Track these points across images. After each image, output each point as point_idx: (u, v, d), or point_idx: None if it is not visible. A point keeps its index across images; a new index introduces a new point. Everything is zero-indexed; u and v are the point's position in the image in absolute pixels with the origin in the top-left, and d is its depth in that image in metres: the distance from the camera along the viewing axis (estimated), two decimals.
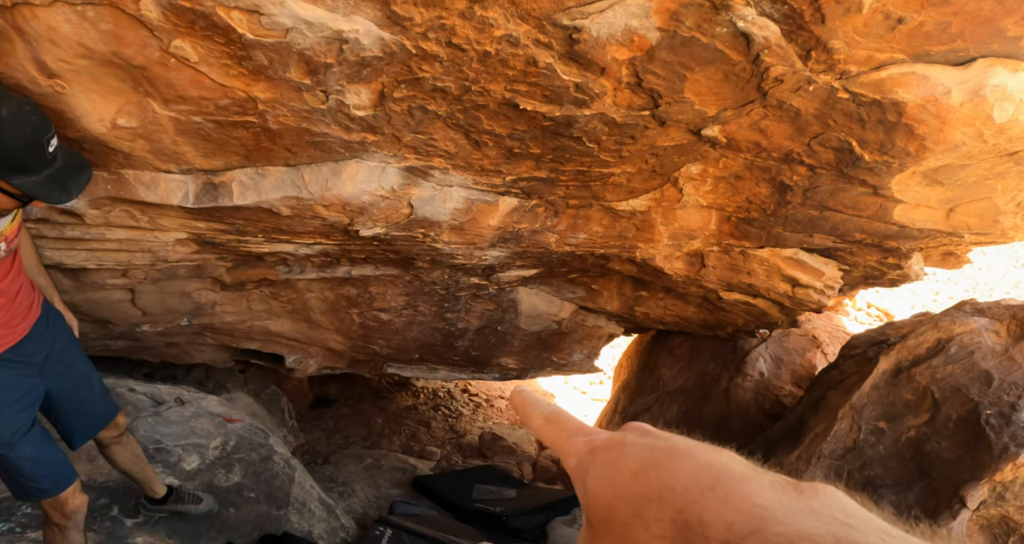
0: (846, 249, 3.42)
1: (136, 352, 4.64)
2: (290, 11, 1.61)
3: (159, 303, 3.76)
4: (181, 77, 1.89)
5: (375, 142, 2.25)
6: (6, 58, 1.84)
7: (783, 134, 2.44)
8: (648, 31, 1.83)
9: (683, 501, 0.44)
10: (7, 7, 1.69)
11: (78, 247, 2.90)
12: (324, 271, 3.61)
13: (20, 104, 1.80)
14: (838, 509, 0.41)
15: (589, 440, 0.56)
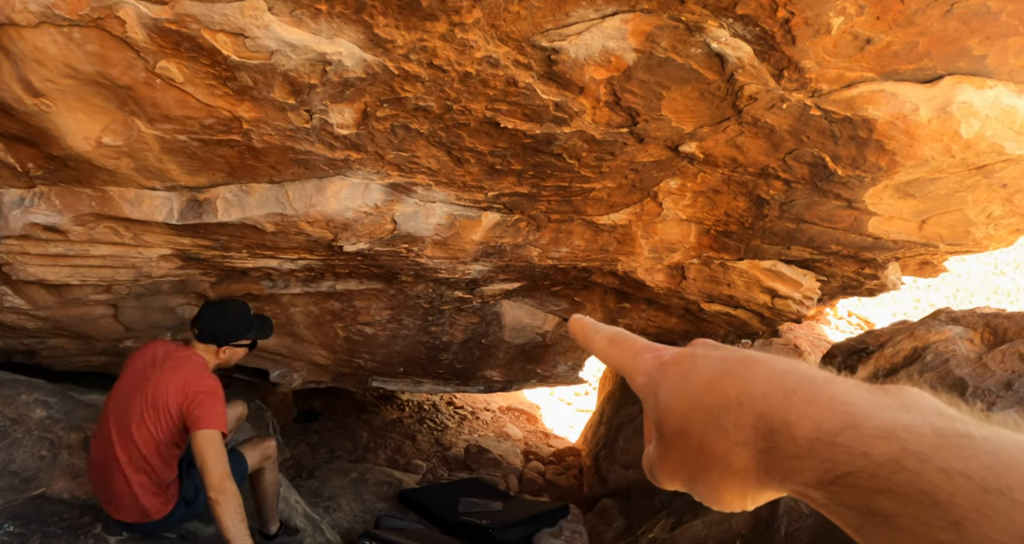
0: (823, 260, 3.49)
1: (118, 368, 4.59)
2: (274, 34, 1.65)
3: (142, 318, 3.77)
4: (166, 97, 1.92)
5: (358, 159, 2.29)
6: None
7: (759, 150, 2.51)
8: (625, 52, 1.89)
9: (764, 406, 0.45)
10: None
11: (61, 263, 2.91)
12: (308, 286, 3.63)
13: None
14: (929, 404, 0.41)
15: (657, 355, 0.56)
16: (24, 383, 3.57)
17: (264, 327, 3.04)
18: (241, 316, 2.88)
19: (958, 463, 0.34)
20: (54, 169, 2.34)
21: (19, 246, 2.71)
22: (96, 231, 2.69)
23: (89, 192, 2.52)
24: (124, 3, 1.64)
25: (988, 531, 0.32)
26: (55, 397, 3.59)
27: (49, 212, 2.54)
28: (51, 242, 2.72)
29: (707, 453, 0.49)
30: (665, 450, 0.53)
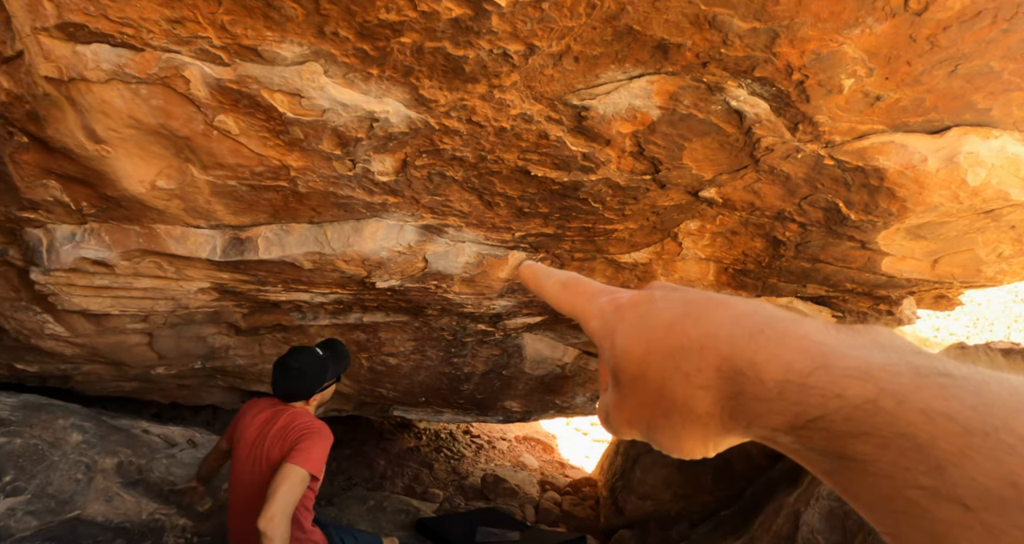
0: (839, 297, 3.60)
1: (147, 393, 4.78)
2: (328, 95, 1.81)
3: (175, 347, 3.92)
4: (221, 147, 2.08)
5: (395, 203, 2.44)
6: (56, 124, 2.04)
7: (775, 195, 2.64)
8: (650, 109, 2.04)
9: (729, 347, 0.42)
10: (63, 81, 1.88)
11: (105, 294, 3.06)
12: (336, 318, 3.77)
13: None
14: (903, 343, 0.39)
15: (613, 298, 0.54)
16: (60, 408, 3.71)
17: (340, 359, 2.93)
18: (312, 366, 2.73)
19: (939, 403, 0.32)
20: (106, 208, 2.49)
21: (66, 278, 2.87)
22: (141, 265, 2.84)
23: (137, 229, 2.68)
24: (190, 64, 1.80)
25: (973, 474, 0.31)
26: (90, 422, 3.73)
27: (99, 247, 2.69)
28: (97, 275, 2.88)
29: (667, 399, 0.47)
30: (622, 397, 0.51)
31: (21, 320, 3.44)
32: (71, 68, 1.84)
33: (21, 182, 2.38)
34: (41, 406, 3.66)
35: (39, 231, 2.71)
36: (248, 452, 2.63)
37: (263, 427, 2.65)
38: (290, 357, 2.71)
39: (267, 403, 2.79)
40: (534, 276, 0.64)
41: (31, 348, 3.68)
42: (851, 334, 0.40)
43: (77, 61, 1.82)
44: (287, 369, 2.69)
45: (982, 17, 1.81)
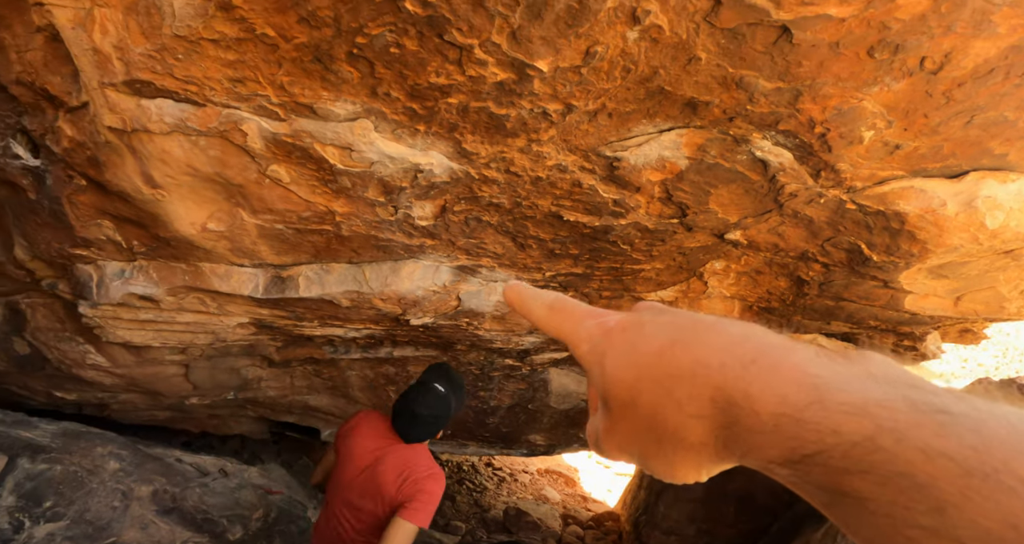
0: (863, 333, 3.67)
1: (179, 422, 4.91)
2: (377, 148, 1.95)
3: (209, 378, 4.05)
4: (272, 194, 2.23)
5: (432, 245, 2.57)
6: (115, 169, 2.18)
7: (798, 237, 2.74)
8: (678, 159, 2.16)
9: (722, 377, 0.42)
10: (126, 131, 2.03)
11: (148, 328, 3.20)
12: (367, 352, 3.89)
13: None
14: (897, 372, 0.39)
15: (602, 322, 0.54)
16: (98, 436, 3.83)
17: (460, 392, 2.88)
18: (441, 409, 2.70)
19: (938, 442, 0.32)
20: (156, 247, 2.64)
21: (113, 312, 3.02)
22: (185, 301, 2.99)
23: (183, 267, 2.83)
24: (248, 119, 1.95)
25: (974, 516, 0.30)
26: (127, 450, 3.85)
27: (146, 284, 2.84)
28: (143, 309, 3.02)
29: (659, 426, 0.46)
30: (612, 422, 0.51)
31: (64, 350, 3.59)
32: (135, 120, 1.99)
33: (76, 221, 2.53)
34: (80, 434, 3.79)
35: (90, 267, 2.86)
36: (357, 477, 2.68)
37: (379, 457, 2.69)
38: (416, 403, 2.65)
39: (383, 427, 2.79)
40: (519, 298, 0.63)
41: (72, 377, 3.82)
42: (844, 364, 0.40)
43: (141, 114, 1.98)
44: (415, 417, 2.65)
45: (995, 74, 1.92)
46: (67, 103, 2.00)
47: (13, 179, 2.37)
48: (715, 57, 1.71)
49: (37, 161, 2.32)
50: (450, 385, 2.79)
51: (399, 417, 2.67)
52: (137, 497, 3.63)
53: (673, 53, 1.69)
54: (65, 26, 1.79)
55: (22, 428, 3.67)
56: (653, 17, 1.53)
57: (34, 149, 2.31)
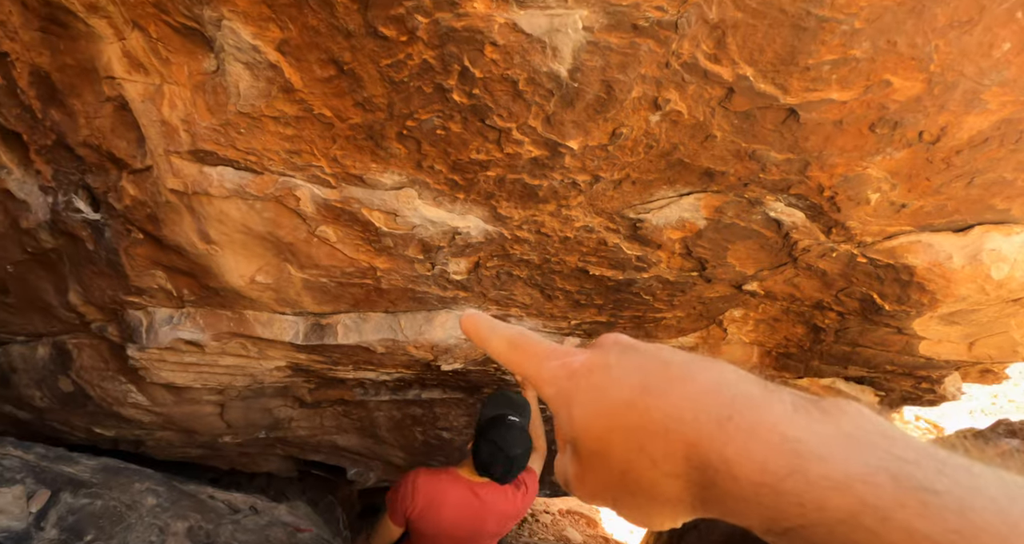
0: (880, 377, 3.80)
1: (210, 459, 5.08)
2: (420, 213, 2.16)
3: (243, 417, 4.22)
4: (319, 251, 2.43)
5: (465, 297, 2.77)
6: (172, 226, 2.39)
7: (813, 288, 2.91)
8: (697, 220, 2.35)
9: (696, 434, 0.41)
10: (187, 193, 2.24)
11: (191, 370, 3.39)
12: (396, 394, 4.07)
13: None
14: (875, 432, 0.38)
15: (565, 363, 0.52)
16: (136, 472, 3.99)
17: (527, 415, 3.03)
18: (527, 441, 2.82)
19: (922, 524, 0.33)
20: (205, 296, 2.85)
21: (159, 355, 3.21)
22: (228, 346, 3.18)
23: (229, 314, 3.03)
24: (302, 186, 2.17)
25: None
26: (163, 486, 4.01)
27: (193, 330, 3.04)
28: (187, 353, 3.21)
29: (632, 481, 0.46)
30: (583, 470, 0.50)
31: (107, 389, 3.78)
32: (196, 184, 2.21)
33: (131, 272, 2.74)
34: (119, 470, 3.95)
35: (140, 313, 3.07)
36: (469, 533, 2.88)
37: (482, 516, 2.88)
38: (509, 446, 2.73)
39: (461, 486, 2.91)
40: (476, 330, 0.62)
41: (112, 414, 4.00)
42: (821, 421, 0.40)
43: (203, 179, 2.19)
44: (512, 460, 2.75)
45: (989, 143, 2.10)
46: (131, 165, 2.20)
47: (73, 231, 2.56)
48: (729, 135, 1.91)
49: (97, 215, 2.52)
50: (519, 411, 2.96)
51: (494, 464, 2.76)
52: (173, 532, 3.78)
53: (691, 132, 1.89)
54: (135, 99, 2.01)
55: (64, 463, 3.84)
56: (673, 104, 1.74)
57: (94, 204, 2.51)
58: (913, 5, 1.55)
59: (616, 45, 1.56)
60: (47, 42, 1.91)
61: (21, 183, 2.51)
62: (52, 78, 1.99)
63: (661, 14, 1.49)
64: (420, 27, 1.52)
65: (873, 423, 0.40)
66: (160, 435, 4.41)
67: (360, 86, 1.74)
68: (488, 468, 2.77)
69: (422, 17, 1.49)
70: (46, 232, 2.68)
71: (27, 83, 2.02)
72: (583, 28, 1.52)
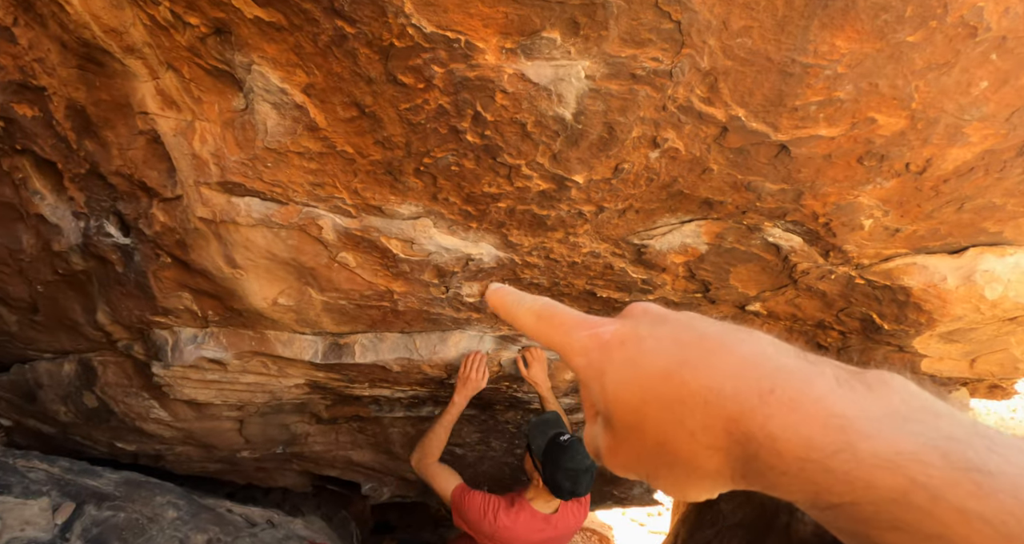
0: None
1: (228, 474, 5.22)
2: (435, 241, 2.32)
3: (261, 433, 4.36)
4: (339, 276, 2.60)
5: (478, 318, 2.93)
6: (199, 251, 2.54)
7: (814, 308, 3.04)
8: (699, 245, 2.50)
9: (737, 407, 0.41)
10: (215, 221, 2.41)
11: (212, 387, 3.53)
12: (410, 411, 4.22)
13: None
14: (922, 408, 0.39)
15: (596, 334, 0.52)
16: (157, 486, 4.12)
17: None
18: (588, 455, 2.86)
19: (974, 503, 0.33)
20: (228, 317, 3.01)
21: (183, 373, 3.36)
22: (249, 364, 3.34)
23: (251, 334, 3.19)
24: (324, 216, 2.34)
25: None
26: (183, 500, 4.15)
27: (217, 349, 3.20)
28: (210, 371, 3.37)
29: (670, 453, 0.46)
30: (617, 442, 0.50)
31: (130, 404, 3.93)
32: (224, 213, 2.37)
33: (159, 294, 2.90)
34: (141, 483, 4.08)
35: (166, 332, 3.23)
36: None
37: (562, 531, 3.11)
38: (580, 462, 2.90)
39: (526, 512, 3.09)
40: (503, 304, 0.62)
41: (134, 430, 4.14)
42: (868, 397, 0.40)
43: (231, 209, 2.36)
44: (589, 470, 2.95)
45: (975, 172, 2.23)
46: (162, 194, 2.35)
47: (103, 254, 2.71)
48: (725, 168, 2.06)
49: (127, 240, 2.66)
50: (560, 425, 3.13)
51: (578, 484, 2.95)
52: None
53: (689, 166, 2.04)
54: (167, 133, 2.16)
55: (88, 477, 3.98)
56: (671, 142, 1.89)
57: (125, 229, 2.65)
58: (891, 52, 1.70)
59: (616, 91, 1.72)
60: (83, 79, 2.06)
61: (54, 208, 2.65)
62: (87, 112, 2.12)
63: (657, 64, 1.65)
64: (436, 76, 1.69)
65: (920, 399, 0.40)
66: (180, 450, 4.56)
67: (380, 126, 1.91)
68: (574, 491, 2.93)
69: (438, 67, 1.66)
70: (77, 255, 2.83)
71: (63, 116, 2.17)
72: (585, 77, 1.68)
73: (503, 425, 4.44)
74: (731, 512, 6.51)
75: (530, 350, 3.25)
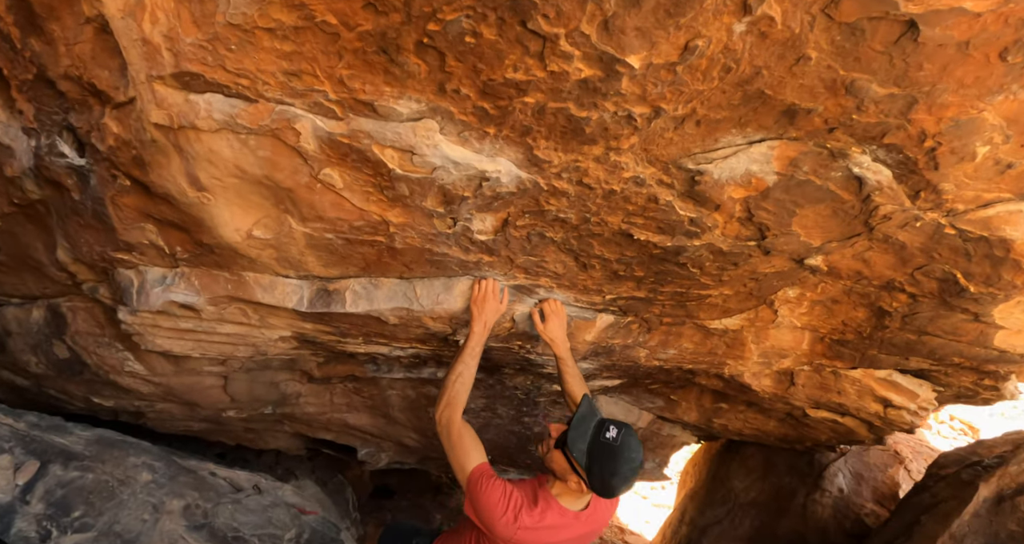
0: (942, 371, 3.38)
1: (215, 434, 4.78)
2: (441, 152, 1.78)
3: (248, 391, 3.91)
4: (323, 200, 2.06)
5: (489, 262, 2.39)
6: (160, 170, 2.04)
7: (886, 264, 2.50)
8: (766, 175, 1.95)
9: None
10: (173, 128, 1.88)
11: (188, 337, 3.06)
12: (411, 371, 3.72)
13: None
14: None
15: None
16: (133, 445, 3.70)
17: None
18: (638, 448, 2.27)
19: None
20: (199, 253, 2.50)
21: (152, 320, 2.88)
22: (226, 311, 2.84)
23: (226, 275, 2.68)
24: (302, 117, 1.79)
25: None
26: (160, 461, 3.71)
27: (188, 292, 2.70)
28: (183, 318, 2.88)
29: None
30: None
31: (103, 356, 3.48)
32: (182, 116, 1.85)
33: (119, 224, 2.41)
34: (114, 442, 3.66)
35: (131, 272, 2.74)
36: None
37: (594, 527, 2.47)
38: (635, 461, 2.22)
39: (570, 517, 2.38)
40: None
41: (109, 383, 3.72)
42: None
43: (189, 110, 1.83)
44: (638, 469, 2.26)
45: None
46: (114, 98, 1.87)
47: (58, 178, 2.27)
48: (826, 57, 1.51)
49: (83, 160, 2.22)
50: (596, 411, 2.40)
51: (625, 480, 2.23)
52: (168, 511, 3.48)
53: (781, 51, 1.49)
54: (115, 16, 1.67)
55: (56, 434, 3.56)
56: (766, 7, 1.34)
57: (80, 148, 2.21)
58: None
59: None
60: None
61: (6, 126, 2.26)
62: (30, 1, 1.72)
63: None
64: None
65: None
66: (161, 407, 4.12)
67: None
68: (620, 488, 2.24)
69: None
70: (31, 181, 2.42)
71: (5, 8, 1.80)
72: None
73: (511, 391, 3.93)
74: (744, 490, 6.07)
75: (549, 302, 2.71)
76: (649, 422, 4.60)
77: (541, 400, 4.08)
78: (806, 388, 3.54)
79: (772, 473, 5.95)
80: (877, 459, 5.75)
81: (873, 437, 4.11)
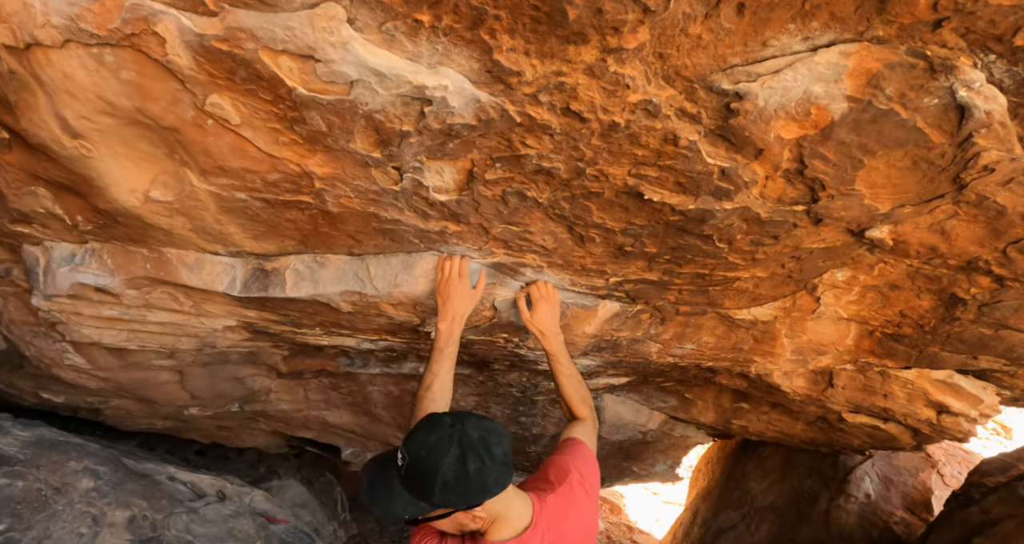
0: (1010, 372, 2.72)
1: (183, 432, 4.23)
2: (356, 57, 1.15)
3: (209, 387, 3.34)
4: (220, 143, 1.45)
5: (457, 233, 1.76)
6: (29, 113, 1.48)
7: (971, 238, 1.85)
8: (832, 101, 1.30)
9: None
10: (22, 50, 1.29)
11: (117, 327, 2.51)
12: (389, 366, 3.12)
13: None
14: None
15: None
16: (76, 447, 3.16)
17: None
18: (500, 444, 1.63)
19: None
20: (104, 224, 1.92)
21: (71, 306, 2.33)
22: (152, 297, 2.27)
23: (144, 252, 2.10)
24: (163, 14, 1.17)
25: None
26: (106, 466, 3.16)
27: (100, 272, 2.13)
28: (104, 304, 2.33)
29: None
30: None
31: (40, 347, 2.93)
32: (23, 28, 1.25)
33: (7, 188, 1.87)
34: (55, 444, 3.13)
35: (37, 249, 2.19)
36: None
37: None
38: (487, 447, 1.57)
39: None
40: None
41: (53, 378, 3.18)
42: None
43: (27, 17, 1.23)
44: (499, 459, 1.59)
45: None
46: None
47: None
48: None
49: None
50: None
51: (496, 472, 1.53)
52: (110, 523, 2.92)
53: None
54: None
55: None
56: None
57: None
58: None
59: None
60: None
61: None
62: None
63: None
64: None
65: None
66: (116, 404, 3.56)
67: None
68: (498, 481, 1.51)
69: None
70: None
71: None
72: None
73: (505, 388, 3.32)
74: (761, 493, 5.44)
75: (537, 285, 2.06)
76: (661, 423, 3.97)
77: (539, 399, 3.47)
78: (846, 390, 2.87)
79: (792, 475, 5.31)
80: (907, 462, 5.09)
81: (915, 444, 3.45)
